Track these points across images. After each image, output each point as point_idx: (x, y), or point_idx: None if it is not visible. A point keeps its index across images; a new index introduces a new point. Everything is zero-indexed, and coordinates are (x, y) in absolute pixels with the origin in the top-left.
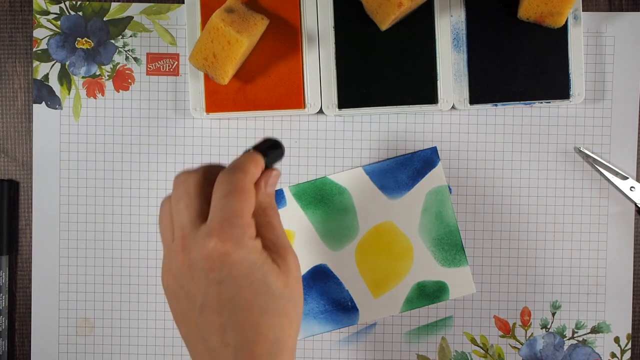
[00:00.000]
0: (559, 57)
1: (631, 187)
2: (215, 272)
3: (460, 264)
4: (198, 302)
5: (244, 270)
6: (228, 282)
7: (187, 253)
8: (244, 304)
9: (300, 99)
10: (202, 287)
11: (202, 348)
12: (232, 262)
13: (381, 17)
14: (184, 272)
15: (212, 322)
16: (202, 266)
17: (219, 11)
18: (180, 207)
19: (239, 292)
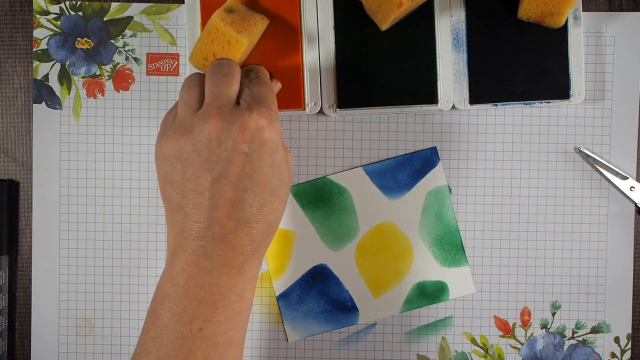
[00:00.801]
0: (559, 57)
1: (631, 187)
2: (247, 143)
3: (460, 264)
4: (215, 171)
5: (271, 148)
6: (254, 155)
7: (221, 122)
8: (260, 180)
9: (300, 99)
10: (226, 157)
11: (199, 217)
12: (265, 138)
13: (381, 17)
14: (213, 138)
15: (225, 193)
16: (233, 136)
17: (219, 11)
18: (222, 83)
19: (261, 169)
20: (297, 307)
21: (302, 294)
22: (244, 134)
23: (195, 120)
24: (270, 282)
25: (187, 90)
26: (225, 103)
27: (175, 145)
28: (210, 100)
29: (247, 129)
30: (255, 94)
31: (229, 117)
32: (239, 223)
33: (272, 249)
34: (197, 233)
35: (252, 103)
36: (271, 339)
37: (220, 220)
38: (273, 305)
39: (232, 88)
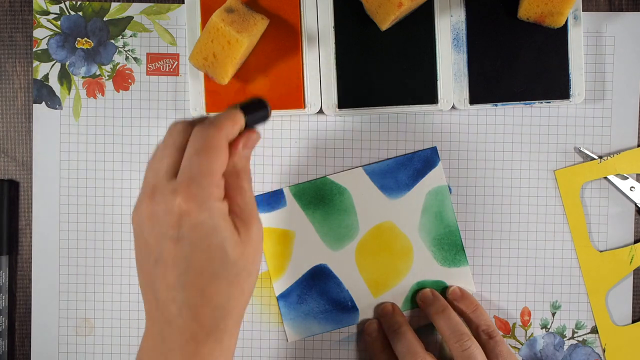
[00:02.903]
0: (559, 57)
1: (631, 187)
2: (175, 229)
3: (460, 264)
4: (154, 254)
5: (203, 232)
6: (185, 241)
7: (153, 203)
8: (196, 265)
9: (300, 99)
10: (159, 241)
11: (151, 297)
12: (193, 222)
13: (381, 17)
14: (146, 220)
15: (164, 276)
16: (162, 220)
17: (219, 11)
18: (161, 156)
19: (194, 254)
20: (297, 307)
21: (302, 294)
22: (171, 220)
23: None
24: (270, 282)
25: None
26: (157, 181)
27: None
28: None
29: (172, 214)
30: (192, 167)
31: (158, 199)
32: (182, 307)
33: (272, 249)
34: (150, 314)
35: (181, 183)
36: (271, 339)
37: (165, 304)
38: (273, 305)
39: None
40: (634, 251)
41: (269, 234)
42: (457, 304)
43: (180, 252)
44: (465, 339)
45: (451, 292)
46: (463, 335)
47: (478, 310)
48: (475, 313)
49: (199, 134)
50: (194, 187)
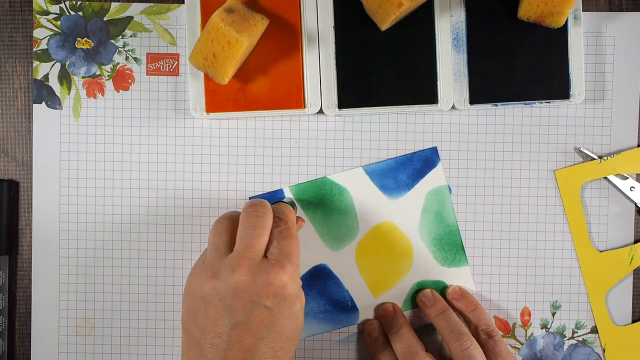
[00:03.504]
0: (559, 57)
1: (631, 187)
2: (270, 299)
3: (460, 264)
4: (236, 318)
5: (290, 302)
6: (276, 310)
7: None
8: (278, 330)
9: (300, 99)
10: (248, 308)
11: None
12: (286, 294)
13: (381, 17)
14: (238, 288)
15: (242, 339)
16: (258, 290)
17: (219, 11)
18: (254, 235)
19: (280, 321)
20: None
21: None
22: (268, 290)
23: (223, 267)
24: None
25: (216, 235)
26: (254, 256)
27: (201, 286)
28: (240, 250)
29: (271, 286)
30: (283, 249)
31: (255, 270)
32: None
33: None
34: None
35: (279, 259)
36: None
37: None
38: None
39: (262, 241)
40: (634, 251)
41: None
42: (456, 303)
43: (268, 318)
44: (465, 339)
45: (451, 291)
46: (463, 335)
47: (478, 309)
48: (475, 312)
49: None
50: (288, 264)
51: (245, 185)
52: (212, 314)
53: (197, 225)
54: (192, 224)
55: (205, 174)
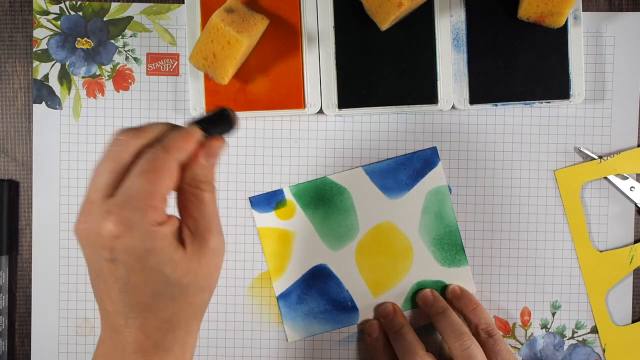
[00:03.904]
0: (559, 57)
1: (631, 187)
2: (107, 251)
3: (460, 264)
4: (94, 270)
5: (136, 255)
6: (119, 262)
7: (86, 221)
8: (135, 284)
9: (300, 99)
10: (96, 259)
11: (101, 306)
12: (123, 245)
13: (381, 17)
14: (82, 237)
15: (107, 290)
16: (94, 241)
17: (219, 11)
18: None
19: (130, 275)
20: (297, 307)
21: (302, 294)
22: (102, 242)
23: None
24: (270, 282)
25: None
26: (96, 199)
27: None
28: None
29: (102, 237)
30: (132, 189)
31: (90, 218)
32: (128, 319)
33: (272, 249)
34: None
35: (115, 205)
36: (271, 339)
37: (112, 315)
38: (273, 305)
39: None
40: (634, 251)
41: (269, 234)
42: (456, 303)
43: (117, 272)
44: (465, 339)
45: (451, 290)
46: (463, 334)
47: (478, 308)
48: (475, 311)
49: (148, 154)
50: (127, 210)
51: (245, 185)
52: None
53: None
54: None
55: None
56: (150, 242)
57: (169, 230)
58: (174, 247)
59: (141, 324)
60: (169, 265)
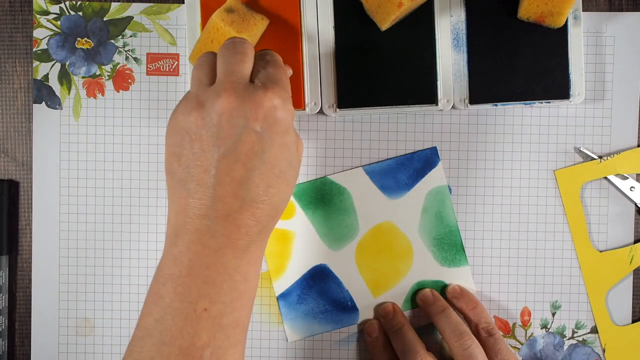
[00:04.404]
0: (559, 57)
1: (631, 187)
2: (259, 121)
3: (460, 264)
4: (223, 147)
5: (282, 128)
6: (265, 134)
7: (233, 97)
8: (269, 160)
9: (300, 99)
10: (236, 134)
11: (203, 194)
12: (277, 117)
13: (381, 17)
14: (224, 113)
15: (231, 170)
16: (246, 112)
17: (219, 11)
18: (236, 60)
19: (270, 149)
20: (297, 307)
21: (302, 294)
22: (257, 112)
23: (207, 95)
24: (270, 282)
25: (199, 68)
26: (239, 79)
27: (185, 118)
28: (223, 76)
29: (260, 107)
30: (271, 75)
31: (242, 93)
32: (244, 202)
33: (272, 249)
34: (200, 211)
35: (267, 82)
36: (271, 339)
37: (225, 199)
38: (273, 305)
39: (245, 66)
40: (634, 251)
41: None
42: (456, 302)
43: (258, 145)
44: (466, 338)
45: (451, 289)
46: (463, 334)
47: (478, 307)
48: (475, 310)
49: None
50: (279, 88)
51: None
52: (197, 146)
53: None
54: None
55: None
56: (290, 119)
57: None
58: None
59: (257, 208)
60: (295, 145)
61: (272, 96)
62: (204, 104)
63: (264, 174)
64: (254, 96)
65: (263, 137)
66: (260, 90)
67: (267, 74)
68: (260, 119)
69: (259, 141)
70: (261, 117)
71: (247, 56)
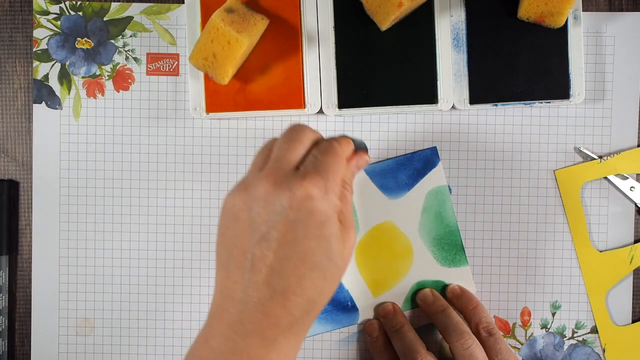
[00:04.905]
0: (559, 57)
1: (631, 187)
2: (293, 210)
3: (460, 264)
4: (259, 232)
5: (318, 219)
6: (300, 224)
7: (272, 183)
8: (301, 251)
9: (300, 99)
10: (272, 220)
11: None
12: (313, 207)
13: (381, 17)
14: (261, 199)
15: (265, 257)
16: (283, 200)
17: (219, 11)
18: (287, 147)
19: (304, 239)
20: None
21: None
22: (291, 200)
23: (253, 179)
24: None
25: (259, 151)
26: (283, 166)
27: (232, 200)
28: (271, 162)
29: (294, 196)
30: (318, 162)
31: (280, 180)
32: (275, 291)
33: None
34: (235, 294)
35: (309, 170)
36: None
37: (257, 285)
38: None
39: (295, 153)
40: (634, 251)
41: None
42: (456, 302)
43: (291, 234)
44: (467, 338)
45: (450, 289)
46: (464, 334)
47: (478, 307)
48: (475, 310)
49: (325, 142)
50: (320, 177)
51: None
52: (239, 229)
53: (197, 225)
54: (192, 224)
55: (205, 174)
56: (332, 211)
57: (340, 209)
58: (338, 224)
59: (287, 299)
60: (336, 239)
61: (308, 185)
62: (249, 187)
63: (296, 264)
64: (289, 184)
65: (297, 227)
66: (298, 179)
67: (313, 161)
68: (294, 207)
69: (292, 230)
70: (295, 205)
71: (301, 143)
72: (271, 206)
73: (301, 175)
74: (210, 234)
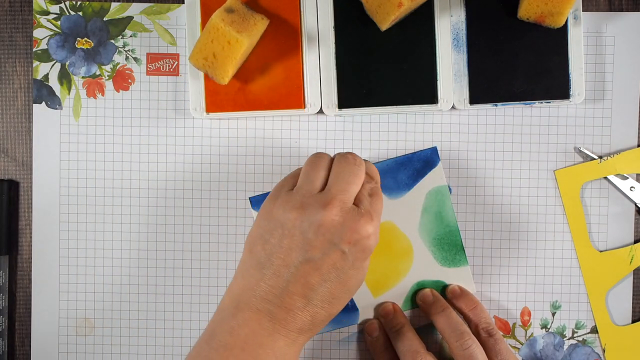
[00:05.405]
0: (559, 57)
1: (631, 187)
2: (350, 244)
3: (460, 264)
4: (309, 254)
5: (367, 254)
6: (351, 257)
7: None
8: (344, 278)
9: (300, 99)
10: (326, 247)
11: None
12: (367, 245)
13: (381, 17)
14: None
15: (309, 276)
16: (343, 233)
17: (219, 11)
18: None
19: (350, 269)
20: None
21: None
22: (352, 235)
23: (313, 201)
24: None
25: (314, 168)
26: (347, 200)
27: (284, 213)
28: (334, 191)
29: (357, 233)
30: (374, 205)
31: (346, 214)
32: (309, 304)
33: None
34: (267, 296)
35: (370, 211)
36: None
37: (293, 295)
38: None
39: (355, 188)
40: (634, 251)
41: None
42: (456, 302)
43: (340, 263)
44: (466, 338)
45: (450, 290)
46: (464, 334)
47: (478, 308)
48: (475, 311)
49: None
50: (377, 220)
51: (245, 185)
52: (287, 243)
53: (197, 225)
54: (192, 224)
55: (205, 174)
56: (374, 246)
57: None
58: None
59: (317, 312)
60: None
61: (369, 226)
62: (307, 207)
63: (335, 287)
64: (356, 222)
65: (347, 258)
66: (364, 218)
67: (371, 203)
68: (352, 242)
69: (342, 260)
70: (353, 241)
71: (360, 179)
72: (330, 235)
73: (366, 215)
74: (211, 234)
